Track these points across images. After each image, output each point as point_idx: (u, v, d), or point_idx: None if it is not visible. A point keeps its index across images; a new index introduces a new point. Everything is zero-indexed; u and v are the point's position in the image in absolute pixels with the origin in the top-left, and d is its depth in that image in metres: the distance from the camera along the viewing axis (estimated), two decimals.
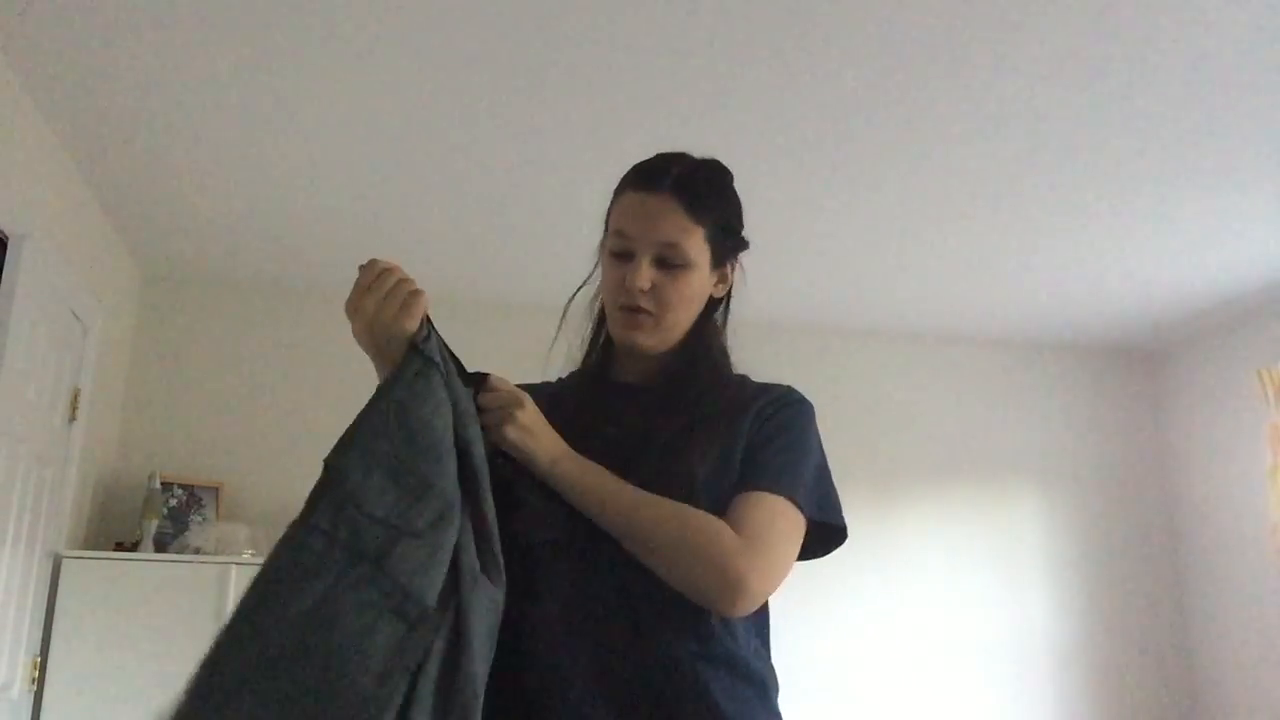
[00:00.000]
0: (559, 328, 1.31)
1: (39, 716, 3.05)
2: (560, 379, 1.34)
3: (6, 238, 2.70)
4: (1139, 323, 4.50)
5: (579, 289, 1.31)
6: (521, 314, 4.30)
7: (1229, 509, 4.40)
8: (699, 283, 1.22)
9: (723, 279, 1.27)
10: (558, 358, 1.33)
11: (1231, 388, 4.42)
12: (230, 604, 3.25)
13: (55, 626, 3.12)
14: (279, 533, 0.93)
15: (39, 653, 3.08)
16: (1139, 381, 4.90)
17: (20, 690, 2.95)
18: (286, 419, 4.01)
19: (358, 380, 4.82)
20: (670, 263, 1.19)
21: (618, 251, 1.21)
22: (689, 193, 1.20)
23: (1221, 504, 4.45)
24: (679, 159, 1.25)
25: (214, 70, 2.62)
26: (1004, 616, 4.44)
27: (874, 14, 2.36)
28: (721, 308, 1.31)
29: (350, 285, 1.10)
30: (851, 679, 4.18)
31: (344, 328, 1.10)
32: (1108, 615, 4.54)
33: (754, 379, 1.29)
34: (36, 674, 3.06)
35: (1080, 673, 4.44)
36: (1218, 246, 3.66)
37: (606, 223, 1.26)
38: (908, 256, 3.81)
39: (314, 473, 0.93)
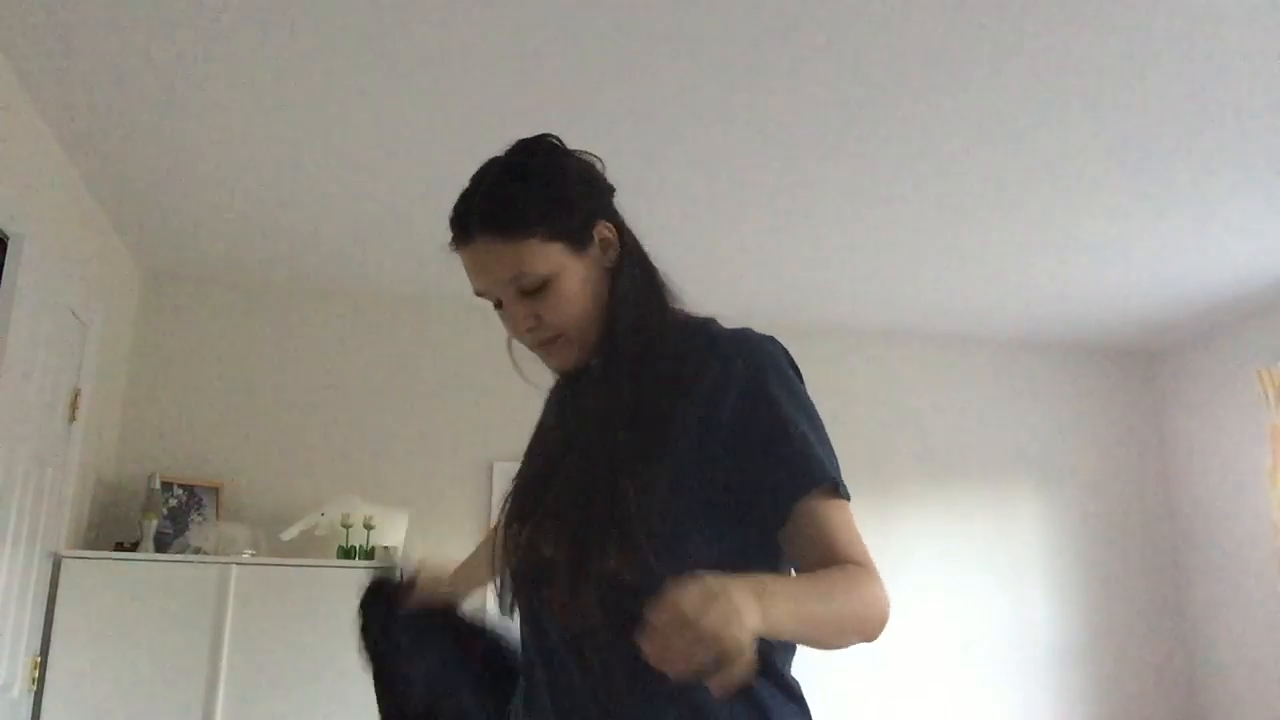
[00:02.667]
0: (513, 364, 1.27)
1: (39, 716, 3.05)
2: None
3: (6, 238, 2.70)
4: (1139, 323, 4.50)
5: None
6: None
7: (1229, 509, 4.40)
8: (571, 280, 1.13)
9: (604, 246, 1.17)
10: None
11: (1231, 388, 4.42)
12: (230, 604, 3.26)
13: (55, 626, 3.11)
14: (278, 532, 0.95)
15: (39, 653, 3.08)
16: (1139, 381, 4.90)
17: (20, 690, 2.95)
18: (286, 419, 4.01)
19: (357, 381, 4.83)
20: (530, 289, 1.12)
21: (493, 304, 1.17)
22: (497, 221, 1.11)
23: (1221, 504, 4.45)
24: (478, 186, 1.15)
25: (214, 70, 2.62)
26: (1004, 616, 4.44)
27: (877, 16, 2.36)
28: (633, 268, 1.19)
29: (349, 284, 1.14)
30: (850, 679, 4.18)
31: (344, 328, 1.14)
32: (1108, 615, 4.54)
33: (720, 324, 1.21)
34: (36, 674, 3.06)
35: (1080, 673, 4.44)
36: (1218, 246, 3.66)
37: None
38: (908, 257, 3.81)
39: (314, 473, 0.95)
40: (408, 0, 2.34)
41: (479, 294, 1.15)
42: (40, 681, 3.07)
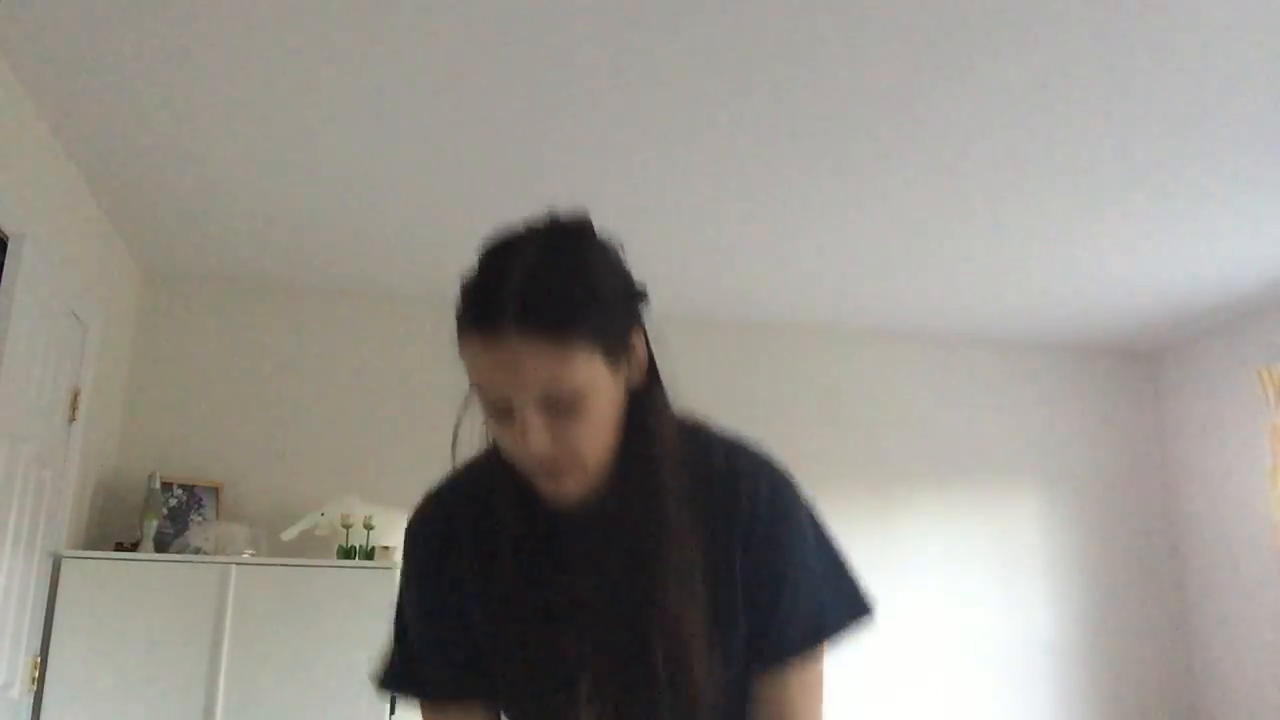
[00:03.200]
0: (453, 454, 1.08)
1: (39, 716, 3.05)
2: (473, 471, 1.11)
3: (6, 238, 2.70)
4: (1139, 323, 4.50)
5: (460, 414, 1.05)
6: None
7: (1229, 509, 4.40)
8: (604, 401, 0.95)
9: (631, 362, 0.99)
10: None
11: (1231, 388, 4.42)
12: (230, 604, 3.25)
13: (55, 626, 3.12)
14: (278, 532, 0.94)
15: (39, 653, 3.09)
16: (1139, 381, 4.90)
17: (20, 690, 2.95)
18: (286, 419, 4.01)
19: (357, 381, 4.83)
20: (560, 403, 0.92)
21: (492, 411, 0.96)
22: (541, 315, 0.90)
23: (1221, 504, 4.45)
24: (512, 263, 0.93)
25: (214, 70, 2.62)
26: (1004, 616, 4.44)
27: (877, 14, 2.36)
28: (656, 383, 1.04)
29: (349, 284, 1.09)
30: (850, 679, 4.18)
31: (344, 327, 1.10)
32: (1108, 615, 4.54)
33: (709, 431, 1.09)
34: (36, 674, 3.06)
35: (1080, 673, 4.44)
36: (1218, 246, 3.66)
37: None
38: (908, 257, 3.81)
39: (314, 473, 0.94)
40: (410, 0, 2.34)
41: (483, 389, 0.94)
42: (40, 681, 3.07)
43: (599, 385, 0.94)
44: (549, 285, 0.91)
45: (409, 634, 1.13)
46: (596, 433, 0.95)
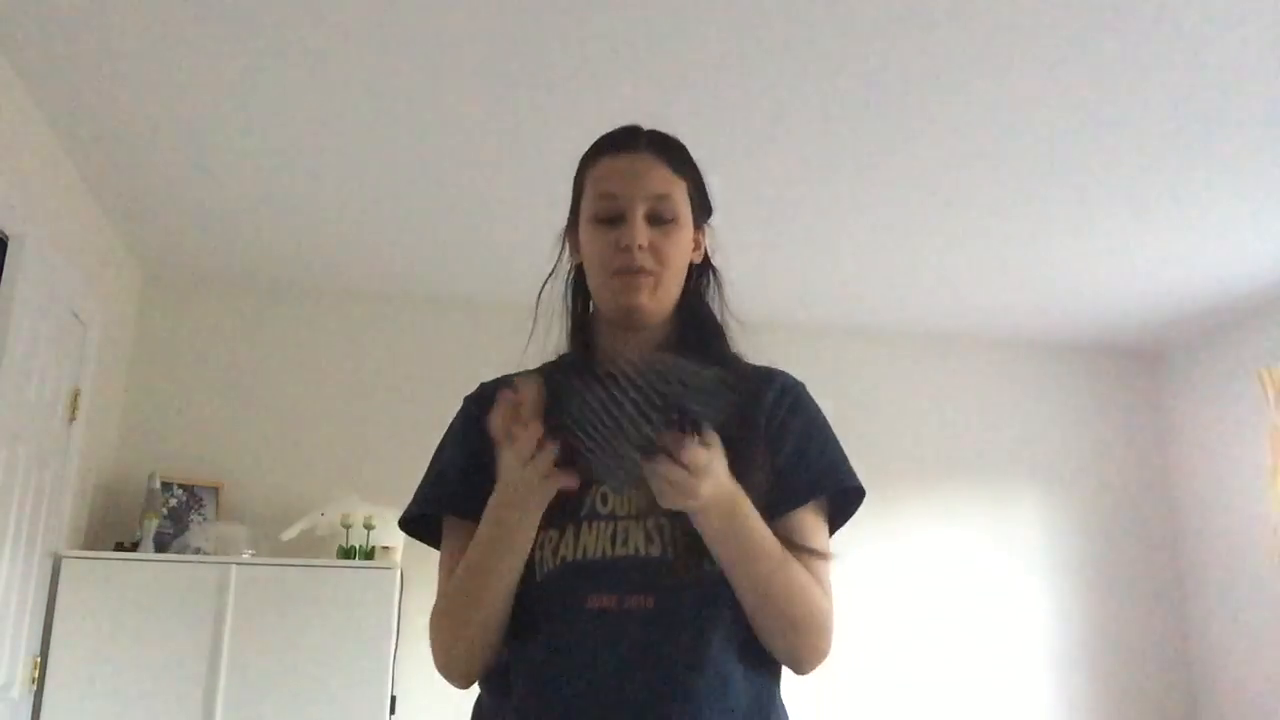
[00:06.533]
0: (534, 321, 1.28)
1: (39, 716, 3.05)
2: (541, 368, 1.26)
3: (6, 238, 2.71)
4: (1139, 323, 4.50)
5: (547, 279, 1.28)
6: (521, 313, 4.29)
7: (1229, 509, 4.40)
8: (686, 240, 1.21)
9: (696, 244, 1.25)
10: (532, 356, 1.28)
11: (1231, 388, 4.41)
12: (230, 604, 3.25)
13: (55, 626, 3.12)
14: (278, 532, 0.93)
15: (39, 653, 3.09)
16: (1139, 381, 4.89)
17: (20, 690, 2.95)
18: (286, 419, 4.01)
19: (357, 381, 4.81)
20: (662, 217, 1.18)
21: (605, 216, 1.18)
22: (666, 150, 1.22)
23: (1221, 504, 4.45)
24: (643, 129, 1.25)
25: (214, 70, 2.62)
26: (1004, 617, 4.44)
27: (880, 12, 2.37)
28: (709, 281, 1.28)
29: (350, 284, 1.10)
30: (850, 678, 4.18)
31: (344, 327, 1.11)
32: (1108, 616, 4.54)
33: (748, 360, 1.28)
34: (36, 674, 3.06)
35: (1080, 673, 4.44)
36: (1218, 246, 3.66)
37: (578, 197, 1.24)
38: (909, 257, 3.81)
39: (314, 473, 0.94)
40: (404, 3, 2.34)
41: (608, 196, 1.17)
42: (40, 681, 3.07)
43: (686, 221, 1.20)
44: (672, 141, 1.24)
45: (442, 463, 1.28)
46: (678, 255, 1.19)
